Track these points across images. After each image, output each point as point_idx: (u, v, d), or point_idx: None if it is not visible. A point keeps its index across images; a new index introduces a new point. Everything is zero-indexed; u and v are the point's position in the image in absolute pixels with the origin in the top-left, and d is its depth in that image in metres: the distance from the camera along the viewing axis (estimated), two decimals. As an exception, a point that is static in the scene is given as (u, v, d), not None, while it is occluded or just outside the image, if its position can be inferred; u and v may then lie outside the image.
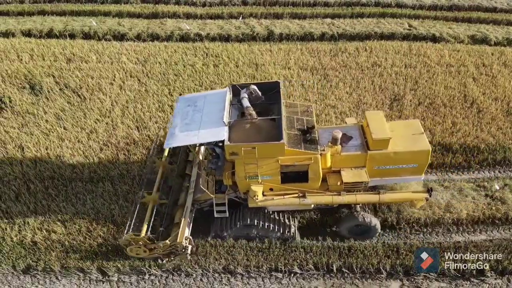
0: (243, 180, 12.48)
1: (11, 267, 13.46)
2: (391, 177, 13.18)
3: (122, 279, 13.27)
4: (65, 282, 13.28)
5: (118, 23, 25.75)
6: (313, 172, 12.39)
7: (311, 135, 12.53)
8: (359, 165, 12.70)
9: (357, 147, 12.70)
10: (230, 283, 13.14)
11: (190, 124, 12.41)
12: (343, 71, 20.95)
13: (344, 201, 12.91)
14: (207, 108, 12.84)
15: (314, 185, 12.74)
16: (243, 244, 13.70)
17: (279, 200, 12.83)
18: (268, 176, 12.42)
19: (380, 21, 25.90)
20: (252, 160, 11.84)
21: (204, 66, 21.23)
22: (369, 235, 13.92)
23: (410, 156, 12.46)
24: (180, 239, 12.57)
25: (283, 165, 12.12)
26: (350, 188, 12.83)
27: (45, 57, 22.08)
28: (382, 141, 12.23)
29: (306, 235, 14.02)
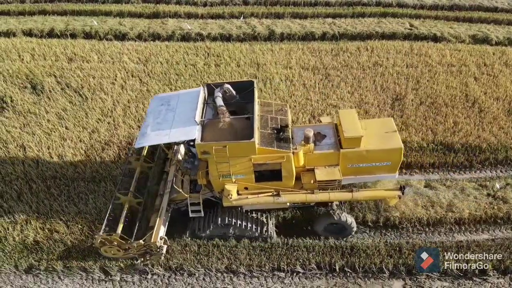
0: (217, 179, 12.49)
1: (13, 267, 13.44)
2: (365, 175, 13.16)
3: (124, 279, 13.25)
4: (68, 282, 13.27)
5: (119, 22, 25.76)
6: (286, 171, 12.39)
7: (284, 134, 12.53)
8: (333, 164, 12.72)
9: (330, 145, 12.72)
10: (232, 283, 13.13)
11: (162, 123, 12.37)
12: (345, 70, 20.97)
13: (317, 199, 12.90)
14: (180, 107, 12.78)
15: (288, 183, 12.75)
16: (245, 243, 13.69)
17: (254, 199, 12.82)
18: (242, 175, 12.42)
19: (381, 21, 25.91)
20: (224, 159, 11.84)
21: (206, 66, 21.24)
22: (345, 233, 13.91)
23: (382, 154, 12.49)
24: (154, 239, 12.54)
25: (256, 163, 12.13)
26: (324, 186, 12.82)
27: (47, 57, 22.08)
28: (354, 139, 12.25)
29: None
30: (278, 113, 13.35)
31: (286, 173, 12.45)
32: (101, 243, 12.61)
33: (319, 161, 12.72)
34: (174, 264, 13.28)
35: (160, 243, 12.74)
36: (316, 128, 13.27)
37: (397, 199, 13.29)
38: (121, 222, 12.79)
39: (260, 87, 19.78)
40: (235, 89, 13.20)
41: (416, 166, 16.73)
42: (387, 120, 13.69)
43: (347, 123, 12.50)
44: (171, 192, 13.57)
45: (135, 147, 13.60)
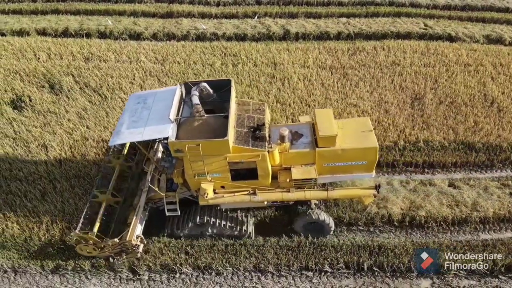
0: (192, 178, 12.47)
1: (39, 267, 13.40)
2: (342, 174, 13.18)
3: (152, 278, 13.23)
4: (96, 281, 13.24)
5: (133, 22, 25.71)
6: (262, 169, 12.38)
7: (260, 133, 12.49)
8: (309, 162, 12.72)
9: (306, 144, 12.73)
10: (260, 282, 13.11)
11: (137, 121, 12.33)
12: (362, 70, 20.95)
13: (293, 197, 12.93)
14: (156, 105, 12.72)
15: (264, 182, 12.74)
16: (272, 242, 13.69)
17: (230, 197, 12.79)
18: (217, 173, 12.40)
19: (396, 21, 25.88)
20: (198, 157, 11.79)
21: (223, 66, 21.20)
22: (323, 233, 13.90)
23: (358, 153, 12.51)
24: (129, 237, 12.52)
25: (231, 162, 12.10)
26: (300, 185, 12.83)
27: (63, 56, 22.03)
28: (329, 138, 12.26)
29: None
30: (255, 112, 13.33)
31: (262, 172, 12.44)
32: (76, 241, 12.59)
33: (296, 160, 12.72)
34: (202, 263, 13.24)
35: (136, 242, 12.70)
36: (293, 127, 13.32)
37: (373, 198, 13.36)
38: (98, 221, 12.80)
39: (278, 86, 19.78)
40: (212, 88, 13.17)
41: (439, 166, 16.71)
42: (363, 119, 13.73)
43: (322, 122, 12.54)
44: (149, 191, 13.52)
45: (110, 145, 13.49)
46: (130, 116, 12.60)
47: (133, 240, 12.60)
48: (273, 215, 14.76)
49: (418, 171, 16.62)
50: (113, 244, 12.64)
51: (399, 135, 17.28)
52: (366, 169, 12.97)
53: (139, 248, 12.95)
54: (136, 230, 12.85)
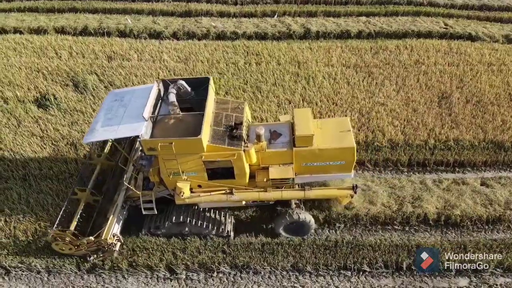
0: (167, 177, 12.36)
1: (75, 267, 13.28)
2: (320, 174, 13.10)
3: (190, 277, 13.12)
4: (132, 281, 13.13)
5: (152, 21, 25.61)
6: (238, 169, 12.27)
7: (237, 132, 12.36)
8: (287, 162, 12.62)
9: (284, 144, 12.61)
10: (298, 281, 13.01)
11: (112, 119, 12.20)
12: (387, 69, 20.85)
13: (270, 197, 12.85)
14: (132, 103, 12.59)
15: (241, 181, 12.64)
16: (310, 242, 13.59)
17: (207, 197, 12.70)
18: (193, 172, 12.30)
19: (416, 20, 25.82)
20: (171, 156, 11.66)
21: (247, 64, 21.10)
22: (304, 232, 13.79)
23: (335, 153, 12.43)
24: (105, 236, 12.45)
25: (206, 161, 11.98)
26: (278, 185, 12.76)
27: (85, 55, 21.92)
28: (306, 138, 12.17)
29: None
30: (234, 111, 13.16)
31: (238, 171, 12.33)
32: (53, 239, 12.51)
33: (273, 160, 12.64)
34: (240, 262, 13.14)
35: (112, 240, 12.63)
36: (273, 126, 13.23)
37: (350, 198, 13.32)
38: (75, 219, 12.74)
39: (303, 85, 19.69)
40: (190, 86, 13.08)
41: (469, 165, 16.63)
42: (343, 119, 13.66)
43: (300, 122, 12.47)
44: (128, 189, 13.42)
45: (83, 142, 13.52)
46: (105, 114, 12.49)
47: (109, 238, 12.51)
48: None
49: (449, 170, 16.53)
50: (89, 242, 12.57)
51: (429, 134, 17.19)
52: (345, 169, 12.89)
53: (115, 247, 12.89)
54: (113, 229, 12.76)
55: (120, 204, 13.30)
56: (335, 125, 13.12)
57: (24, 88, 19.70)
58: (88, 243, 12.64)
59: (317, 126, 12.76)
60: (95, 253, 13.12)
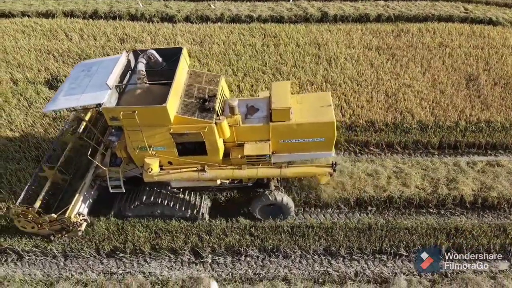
0: (134, 151, 11.62)
1: (94, 251, 12.51)
2: (300, 152, 12.32)
3: (216, 261, 12.36)
4: (155, 265, 12.36)
5: (164, 5, 24.84)
6: (210, 143, 11.49)
7: (210, 104, 11.56)
8: (264, 139, 11.88)
9: (261, 119, 11.84)
10: (331, 266, 12.26)
11: (75, 88, 11.59)
12: (410, 51, 20.11)
13: (245, 175, 12.08)
14: (99, 72, 11.97)
15: (214, 158, 11.88)
16: (342, 224, 12.84)
17: (177, 174, 11.89)
18: (162, 147, 11.55)
19: (435, 4, 25.06)
20: (135, 127, 10.92)
21: (264, 46, 20.35)
22: (282, 215, 13.02)
23: (314, 128, 11.64)
24: (69, 213, 11.77)
25: (175, 134, 11.21)
26: (253, 162, 11.99)
27: (97, 37, 21.17)
28: (282, 111, 11.41)
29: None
30: (208, 84, 12.39)
31: (210, 146, 11.57)
32: (15, 215, 11.85)
33: (249, 136, 11.89)
34: (270, 245, 12.38)
35: (77, 219, 11.97)
36: (250, 101, 12.48)
37: (328, 177, 12.54)
38: (40, 197, 12.11)
39: (325, 66, 18.94)
40: (162, 56, 12.37)
41: (501, 147, 15.89)
42: (324, 94, 12.94)
43: (277, 95, 11.71)
44: (97, 167, 12.72)
45: (44, 111, 12.95)
46: (70, 84, 11.91)
47: (73, 217, 11.83)
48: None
49: (481, 153, 15.79)
50: (51, 220, 11.88)
51: (459, 116, 16.44)
52: (325, 147, 12.11)
53: (80, 227, 12.21)
54: (79, 207, 12.12)
55: (88, 183, 12.59)
56: (316, 100, 12.30)
57: (34, 70, 18.95)
58: (50, 221, 11.91)
59: (297, 101, 12.00)
60: (59, 232, 12.40)
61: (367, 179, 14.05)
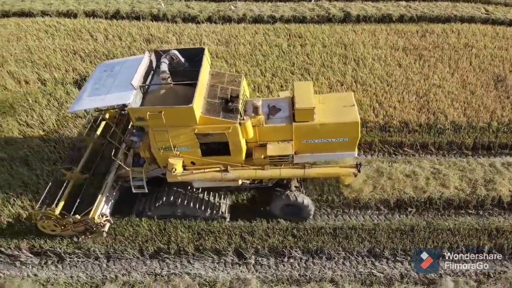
0: (159, 152, 11.60)
1: (137, 252, 12.46)
2: (322, 153, 12.24)
3: (259, 262, 12.32)
4: (198, 266, 12.31)
5: (186, 5, 24.78)
6: (234, 144, 11.45)
7: (233, 104, 11.55)
8: (286, 139, 11.82)
9: (283, 119, 11.79)
10: (375, 267, 12.23)
11: (99, 88, 11.63)
12: (437, 51, 20.11)
13: (268, 175, 12.06)
14: (122, 73, 11.99)
15: (237, 158, 11.84)
16: (384, 226, 12.83)
17: (200, 174, 11.88)
18: (186, 147, 11.54)
19: (456, 5, 25.01)
20: (161, 127, 10.92)
21: (290, 47, 20.33)
22: (302, 216, 12.99)
23: (338, 129, 11.59)
24: (93, 214, 11.73)
25: (199, 134, 11.20)
26: (275, 162, 11.98)
27: (122, 38, 21.11)
28: (306, 111, 11.35)
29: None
30: (230, 84, 12.38)
31: (234, 146, 11.52)
32: (38, 217, 11.84)
33: (272, 136, 11.85)
34: (314, 247, 12.35)
35: (100, 220, 11.93)
36: (272, 102, 12.44)
37: (353, 178, 12.49)
38: (63, 198, 12.08)
39: (353, 67, 18.93)
40: (185, 57, 12.36)
41: (536, 148, 15.92)
42: (346, 94, 12.90)
43: (300, 95, 11.63)
44: (118, 168, 12.72)
45: (68, 111, 12.86)
46: (93, 84, 11.92)
47: (97, 217, 11.79)
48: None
49: (514, 154, 15.81)
50: (75, 222, 11.82)
51: (491, 116, 16.44)
52: (348, 147, 12.04)
53: (104, 227, 12.18)
54: (102, 208, 12.08)
55: (110, 183, 12.56)
56: (338, 100, 12.27)
57: (61, 70, 18.90)
58: (74, 222, 11.85)
59: (319, 101, 11.91)
60: (83, 234, 12.39)
61: (405, 180, 14.03)
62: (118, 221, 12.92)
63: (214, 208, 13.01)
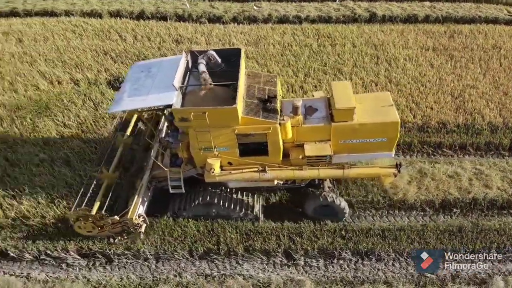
0: (198, 152, 11.59)
1: (187, 253, 12.44)
2: (359, 153, 12.18)
3: (309, 263, 12.31)
4: (248, 267, 12.30)
5: (210, 5, 24.78)
6: (273, 144, 11.47)
7: (271, 105, 11.54)
8: (324, 139, 11.78)
9: (321, 119, 11.74)
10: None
11: (139, 89, 11.63)
12: (467, 52, 20.13)
13: (306, 175, 12.04)
14: (161, 74, 11.98)
15: (274, 159, 11.85)
16: (432, 227, 12.82)
17: (238, 174, 11.87)
18: (225, 147, 11.54)
19: (479, 6, 25.08)
20: (204, 127, 10.92)
21: (321, 47, 20.32)
22: (337, 217, 13.00)
23: (377, 129, 11.54)
24: (131, 215, 11.69)
25: (240, 134, 11.19)
26: (313, 163, 11.93)
27: (151, 38, 21.07)
28: (346, 111, 11.30)
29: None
30: (266, 84, 12.42)
31: (272, 147, 11.54)
32: (75, 219, 11.80)
33: (309, 136, 11.80)
34: (364, 248, 12.35)
35: (138, 221, 11.91)
36: (307, 102, 12.41)
37: (393, 178, 12.47)
38: (98, 199, 12.03)
39: (385, 67, 18.93)
40: (221, 58, 12.38)
41: None
42: (382, 94, 12.83)
43: (339, 95, 11.54)
44: (152, 168, 12.73)
45: (108, 112, 12.82)
46: (132, 85, 11.89)
47: (134, 218, 11.77)
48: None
49: (550, 154, 15.83)
50: (113, 222, 11.79)
51: (528, 117, 16.48)
52: (386, 147, 11.97)
53: (141, 228, 12.15)
54: (138, 209, 12.04)
55: (146, 184, 12.53)
56: (375, 100, 12.19)
57: (93, 70, 18.84)
58: (113, 223, 11.84)
59: (356, 101, 11.75)
60: (119, 235, 12.37)
61: (449, 181, 14.05)
62: (164, 221, 12.90)
63: (248, 208, 13.02)
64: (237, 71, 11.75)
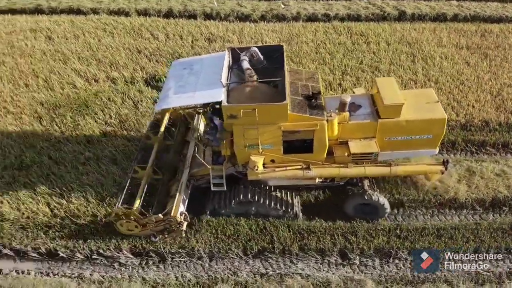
0: (242, 149, 11.51)
1: (241, 251, 12.38)
2: (403, 150, 12.07)
3: (364, 263, 12.26)
4: (302, 266, 12.23)
5: (238, 4, 24.69)
6: (319, 141, 11.39)
7: (316, 101, 11.49)
8: (369, 136, 11.72)
9: (367, 115, 11.63)
10: (480, 266, 12.17)
11: (184, 86, 11.60)
12: (500, 51, 20.07)
13: (351, 173, 11.92)
14: (204, 71, 11.96)
15: (319, 156, 11.78)
16: (486, 225, 12.75)
17: (281, 172, 11.82)
18: (269, 145, 11.45)
19: (505, 6, 24.99)
20: (252, 124, 10.87)
21: (355, 45, 20.26)
22: (377, 215, 12.92)
23: (424, 125, 11.44)
24: (174, 213, 11.68)
25: (286, 131, 11.12)
26: (357, 160, 11.84)
27: (183, 36, 20.98)
28: (394, 108, 11.19)
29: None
30: (309, 81, 12.37)
31: (318, 144, 11.46)
32: (117, 218, 11.75)
33: (354, 133, 11.73)
34: (420, 247, 12.25)
35: (180, 219, 11.87)
36: (351, 98, 12.21)
37: (439, 175, 12.41)
38: (139, 197, 11.98)
39: (422, 65, 18.88)
40: (262, 54, 12.30)
41: None
42: (426, 90, 12.72)
43: (386, 91, 11.44)
44: (191, 167, 12.74)
45: (156, 109, 12.85)
46: (176, 82, 11.84)
47: (177, 216, 11.75)
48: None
49: None
50: (157, 220, 11.76)
51: None
52: (430, 144, 11.87)
53: (183, 226, 12.11)
54: (179, 207, 12.01)
55: (185, 182, 12.48)
56: (420, 96, 12.07)
57: (129, 69, 18.77)
58: (156, 221, 11.79)
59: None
60: (161, 233, 12.31)
61: (497, 179, 14.00)
62: (216, 220, 12.83)
63: (288, 206, 12.95)
64: (279, 68, 11.70)
